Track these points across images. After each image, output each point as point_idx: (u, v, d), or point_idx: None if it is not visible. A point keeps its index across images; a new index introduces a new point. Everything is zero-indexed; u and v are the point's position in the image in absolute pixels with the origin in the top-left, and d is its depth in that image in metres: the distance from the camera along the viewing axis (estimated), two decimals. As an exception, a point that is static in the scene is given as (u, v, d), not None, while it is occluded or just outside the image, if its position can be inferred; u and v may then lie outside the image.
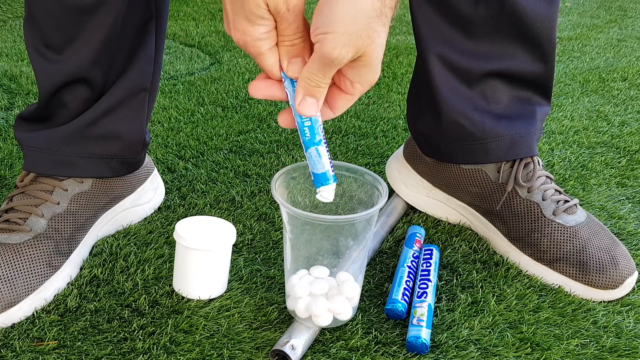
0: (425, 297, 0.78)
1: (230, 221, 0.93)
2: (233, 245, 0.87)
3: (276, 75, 0.63)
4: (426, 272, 0.83)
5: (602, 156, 1.22)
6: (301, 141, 0.65)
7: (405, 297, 0.79)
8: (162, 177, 1.05)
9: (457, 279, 0.86)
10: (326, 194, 0.66)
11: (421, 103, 0.94)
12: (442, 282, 0.85)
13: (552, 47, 0.88)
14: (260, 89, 0.64)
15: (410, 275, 0.83)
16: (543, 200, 0.89)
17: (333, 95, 0.64)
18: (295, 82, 0.62)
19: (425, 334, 0.73)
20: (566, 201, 0.90)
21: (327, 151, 0.65)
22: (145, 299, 0.78)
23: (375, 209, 0.70)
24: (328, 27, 0.57)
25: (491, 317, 0.79)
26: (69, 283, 0.81)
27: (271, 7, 0.57)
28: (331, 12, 0.57)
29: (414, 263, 0.86)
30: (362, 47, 0.57)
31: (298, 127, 0.64)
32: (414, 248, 0.88)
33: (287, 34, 0.59)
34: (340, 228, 0.73)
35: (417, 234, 0.91)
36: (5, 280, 0.74)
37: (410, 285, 0.82)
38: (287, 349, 0.70)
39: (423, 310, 0.76)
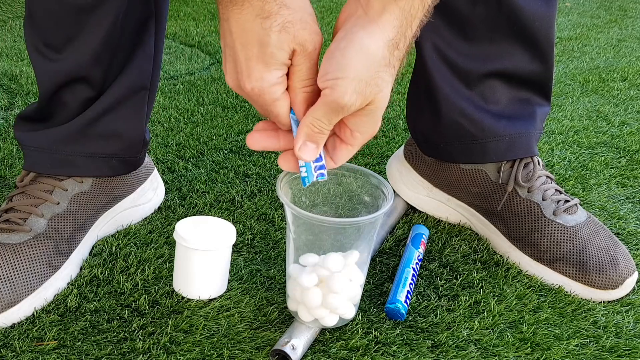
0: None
1: (230, 221, 0.92)
2: (233, 245, 0.87)
3: (286, 124, 0.62)
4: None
5: (602, 156, 1.22)
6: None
7: (407, 301, 0.79)
8: (162, 177, 1.05)
9: (457, 279, 0.86)
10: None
11: (421, 102, 0.94)
12: (442, 282, 0.85)
13: (550, 47, 0.88)
14: (259, 141, 0.64)
15: (414, 279, 0.83)
16: (543, 200, 0.89)
17: (334, 146, 0.63)
18: None
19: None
20: (566, 201, 0.90)
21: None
22: (145, 299, 0.78)
23: (380, 213, 0.70)
24: (339, 72, 0.56)
25: (491, 317, 0.79)
26: (69, 283, 0.81)
27: (297, 47, 0.57)
28: (343, 58, 0.56)
29: (418, 265, 0.85)
30: (371, 95, 0.57)
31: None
32: (419, 250, 0.88)
33: (304, 78, 0.59)
34: (344, 229, 0.73)
35: (424, 235, 0.91)
36: (5, 280, 0.74)
37: (412, 289, 0.82)
38: (287, 349, 0.70)
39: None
